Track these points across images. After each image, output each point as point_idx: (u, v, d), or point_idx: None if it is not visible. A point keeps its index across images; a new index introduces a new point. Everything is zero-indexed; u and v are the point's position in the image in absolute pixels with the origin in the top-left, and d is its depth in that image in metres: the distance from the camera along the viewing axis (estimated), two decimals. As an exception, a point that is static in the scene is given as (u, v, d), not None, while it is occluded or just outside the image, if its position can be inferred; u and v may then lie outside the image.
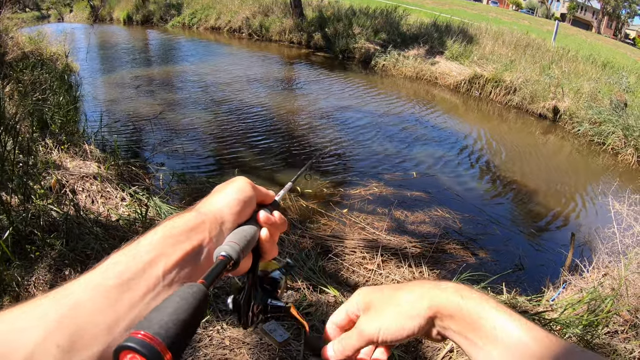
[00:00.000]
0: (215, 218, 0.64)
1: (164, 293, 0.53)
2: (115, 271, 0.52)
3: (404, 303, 0.65)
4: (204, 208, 0.66)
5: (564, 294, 3.61)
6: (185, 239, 0.59)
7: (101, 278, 0.51)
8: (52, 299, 0.48)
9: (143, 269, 0.53)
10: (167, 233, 0.59)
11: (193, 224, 0.61)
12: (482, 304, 0.60)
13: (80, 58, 11.75)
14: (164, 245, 0.57)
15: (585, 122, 9.85)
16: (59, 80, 6.74)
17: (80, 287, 0.50)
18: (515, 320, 0.57)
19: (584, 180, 7.86)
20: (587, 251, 4.77)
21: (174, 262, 0.56)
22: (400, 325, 0.63)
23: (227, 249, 0.59)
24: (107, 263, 0.54)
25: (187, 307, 0.45)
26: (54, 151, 4.57)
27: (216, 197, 0.69)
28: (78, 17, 26.18)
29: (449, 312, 0.61)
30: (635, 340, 2.97)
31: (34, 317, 0.46)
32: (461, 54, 14.05)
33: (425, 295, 0.64)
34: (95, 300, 0.49)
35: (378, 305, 0.67)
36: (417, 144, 8.05)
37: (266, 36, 18.35)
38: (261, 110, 9.04)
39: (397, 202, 5.56)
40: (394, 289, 0.69)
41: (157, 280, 0.54)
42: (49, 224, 3.21)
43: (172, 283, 0.55)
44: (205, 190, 5.05)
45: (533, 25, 28.94)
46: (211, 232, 0.62)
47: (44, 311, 0.46)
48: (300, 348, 2.56)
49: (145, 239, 0.58)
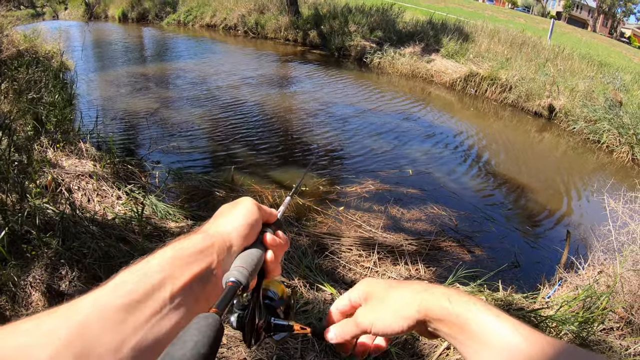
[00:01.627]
0: (224, 241, 0.65)
1: (170, 315, 0.54)
2: (124, 291, 0.52)
3: (396, 303, 0.67)
4: (212, 230, 0.67)
5: (560, 291, 3.62)
6: (193, 260, 0.60)
7: (109, 297, 0.51)
8: (60, 315, 0.48)
9: (152, 291, 0.54)
10: (176, 254, 0.59)
11: (202, 246, 0.62)
12: (470, 307, 0.61)
13: (76, 56, 11.71)
14: (172, 266, 0.57)
15: (581, 120, 9.88)
16: (54, 78, 6.72)
17: (88, 305, 0.50)
18: (504, 321, 0.58)
19: (580, 177, 7.88)
20: (582, 248, 4.79)
21: (182, 285, 0.57)
22: (390, 323, 0.66)
23: (237, 274, 0.61)
24: (115, 281, 0.54)
25: (206, 340, 0.46)
26: (50, 150, 4.56)
27: (224, 220, 0.69)
28: (73, 14, 26.07)
29: (438, 316, 0.63)
30: (630, 337, 2.99)
31: (42, 335, 0.45)
32: (457, 52, 14.05)
33: (416, 298, 0.66)
34: (103, 319, 0.49)
35: (375, 300, 0.70)
36: (412, 141, 8.06)
37: (262, 34, 18.34)
38: (257, 108, 9.03)
39: (393, 199, 5.57)
40: (391, 286, 0.71)
41: (164, 303, 0.54)
42: (45, 223, 3.20)
43: (179, 306, 0.56)
44: (201, 188, 5.07)
45: (529, 24, 28.97)
46: (219, 255, 0.63)
47: (52, 328, 0.46)
48: (297, 346, 2.57)
49: (154, 259, 0.58)
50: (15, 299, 2.66)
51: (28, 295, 2.70)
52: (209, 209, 4.70)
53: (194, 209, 4.61)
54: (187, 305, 0.57)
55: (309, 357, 2.52)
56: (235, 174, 5.60)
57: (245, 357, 2.47)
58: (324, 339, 0.74)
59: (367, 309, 0.71)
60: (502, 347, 0.57)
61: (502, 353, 0.56)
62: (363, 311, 0.71)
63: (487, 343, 0.58)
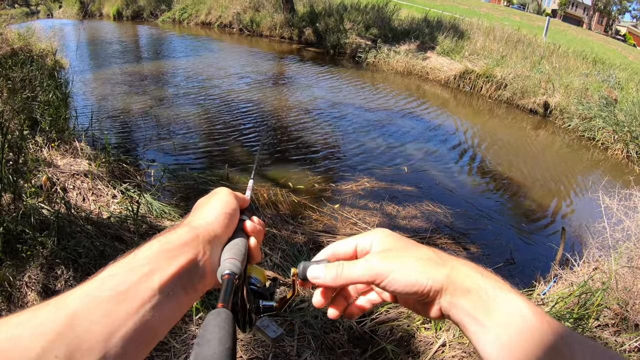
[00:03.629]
0: (208, 232, 0.65)
1: (160, 305, 0.55)
2: (112, 283, 0.53)
3: (427, 259, 0.61)
4: (195, 222, 0.67)
5: (555, 287, 3.63)
6: (180, 253, 0.60)
7: (98, 290, 0.52)
8: (50, 309, 0.49)
9: (139, 281, 0.54)
10: (162, 247, 0.60)
11: (187, 238, 0.63)
12: (500, 285, 0.58)
13: (70, 54, 11.66)
14: (159, 259, 0.58)
15: (576, 118, 9.92)
16: (48, 77, 6.68)
17: (77, 298, 0.50)
18: (530, 306, 0.55)
19: (574, 175, 7.91)
20: (577, 245, 4.80)
21: (170, 275, 0.57)
22: (414, 278, 0.59)
23: (230, 266, 0.62)
24: (103, 275, 0.54)
25: (227, 335, 0.48)
26: (44, 149, 4.54)
27: (205, 211, 0.70)
28: (67, 13, 25.94)
29: (467, 287, 0.58)
30: (625, 333, 3.01)
31: (33, 327, 0.46)
32: (452, 50, 14.09)
33: (448, 262, 0.61)
34: (92, 311, 0.49)
35: (398, 250, 0.64)
36: (408, 138, 8.07)
37: (257, 31, 18.33)
38: (252, 106, 9.01)
39: (388, 197, 5.57)
40: (414, 244, 0.65)
41: (152, 293, 0.54)
42: (40, 223, 3.19)
43: (168, 296, 0.56)
44: (196, 187, 5.06)
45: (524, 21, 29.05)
46: (205, 246, 0.63)
47: (42, 321, 0.47)
48: (293, 344, 2.57)
49: (141, 252, 0.59)
50: (11, 299, 2.66)
51: (24, 295, 2.70)
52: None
53: (189, 207, 4.59)
54: (176, 295, 0.57)
55: (305, 354, 2.52)
56: (230, 172, 5.59)
57: (242, 355, 2.47)
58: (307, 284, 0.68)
59: (385, 256, 0.63)
60: (525, 331, 0.53)
61: (525, 337, 0.53)
62: (380, 257, 0.63)
63: (510, 325, 0.54)
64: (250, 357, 2.47)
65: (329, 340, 2.64)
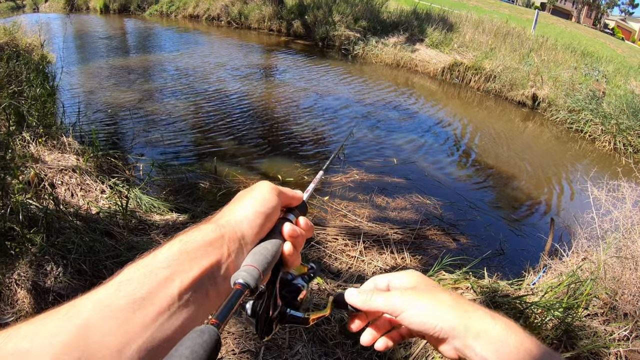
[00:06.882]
0: (235, 232, 0.61)
1: (179, 313, 0.52)
2: (128, 289, 0.50)
3: (443, 302, 0.66)
4: (223, 220, 0.63)
5: (545, 277, 3.67)
6: (202, 254, 0.57)
7: (113, 296, 0.49)
8: (62, 317, 0.46)
9: (158, 288, 0.51)
10: (184, 248, 0.56)
11: (211, 238, 0.59)
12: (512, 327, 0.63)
13: (57, 49, 11.52)
14: (180, 261, 0.54)
15: (563, 110, 9.98)
16: (35, 71, 6.60)
17: (90, 305, 0.48)
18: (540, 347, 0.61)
19: (563, 166, 7.97)
20: (566, 236, 4.84)
21: (191, 281, 0.54)
22: (427, 317, 0.64)
23: (245, 276, 0.55)
24: (119, 279, 0.52)
25: None
26: (32, 144, 4.49)
27: (237, 207, 0.65)
28: (53, 6, 25.62)
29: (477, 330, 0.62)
30: (614, 322, 3.04)
31: (42, 338, 0.44)
32: (441, 42, 14.12)
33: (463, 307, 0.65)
34: (105, 320, 0.46)
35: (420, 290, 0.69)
36: (397, 130, 8.07)
37: (245, 24, 18.25)
38: (240, 98, 8.97)
39: (377, 189, 5.59)
40: (441, 289, 0.70)
41: (172, 300, 0.51)
42: (29, 219, 3.16)
43: (189, 303, 0.53)
44: (185, 180, 5.04)
45: (513, 14, 29.13)
46: (230, 247, 0.60)
47: (52, 332, 0.44)
48: (285, 336, 2.58)
49: (161, 253, 0.55)
50: (0, 296, 2.64)
51: (13, 293, 2.67)
52: (193, 201, 4.68)
53: (178, 201, 4.58)
54: (197, 301, 0.54)
55: (297, 346, 2.53)
56: (219, 165, 5.57)
57: (234, 348, 2.47)
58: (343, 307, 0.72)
59: (405, 292, 0.68)
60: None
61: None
62: (400, 294, 0.68)
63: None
64: (242, 350, 2.48)
65: (320, 332, 2.65)
